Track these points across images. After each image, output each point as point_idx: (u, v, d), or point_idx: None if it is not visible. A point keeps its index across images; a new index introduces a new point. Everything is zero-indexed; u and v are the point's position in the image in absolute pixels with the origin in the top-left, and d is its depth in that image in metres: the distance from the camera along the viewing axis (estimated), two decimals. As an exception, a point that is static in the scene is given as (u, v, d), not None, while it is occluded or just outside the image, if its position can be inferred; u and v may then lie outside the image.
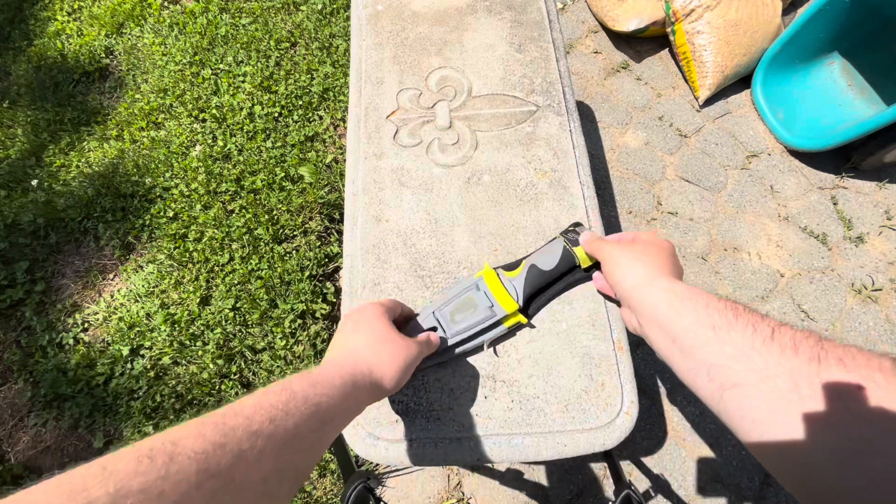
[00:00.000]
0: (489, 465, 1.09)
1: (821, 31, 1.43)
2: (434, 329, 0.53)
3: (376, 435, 0.53)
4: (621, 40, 1.70)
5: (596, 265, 0.56)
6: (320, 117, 1.53)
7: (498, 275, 0.56)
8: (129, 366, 1.18)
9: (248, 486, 0.25)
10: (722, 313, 0.34)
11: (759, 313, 0.33)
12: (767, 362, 0.28)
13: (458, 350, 0.53)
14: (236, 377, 1.16)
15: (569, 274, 0.57)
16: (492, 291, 0.54)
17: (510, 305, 0.53)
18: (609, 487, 1.08)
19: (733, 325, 0.32)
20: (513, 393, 0.54)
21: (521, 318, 0.54)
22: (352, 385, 0.37)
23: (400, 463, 0.52)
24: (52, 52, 1.69)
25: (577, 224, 0.61)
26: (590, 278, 0.57)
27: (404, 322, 0.53)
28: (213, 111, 1.51)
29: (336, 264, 1.33)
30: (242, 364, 1.17)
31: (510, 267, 0.58)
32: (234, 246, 1.30)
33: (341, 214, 1.37)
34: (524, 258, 0.59)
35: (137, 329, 1.21)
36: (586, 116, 1.57)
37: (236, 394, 1.13)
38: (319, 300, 1.24)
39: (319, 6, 1.72)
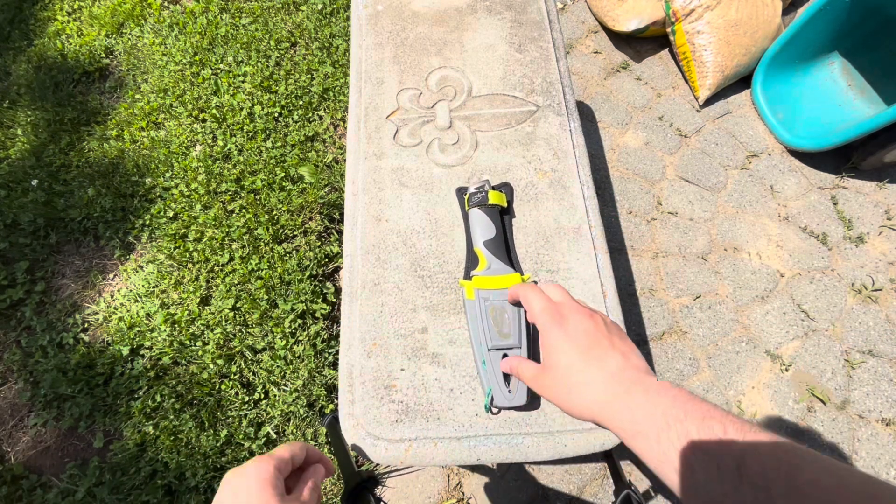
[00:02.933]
0: (489, 465, 1.09)
1: (821, 31, 1.43)
2: (505, 354, 0.52)
3: (376, 435, 0.53)
4: (621, 40, 1.70)
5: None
6: (320, 117, 1.53)
7: (480, 276, 0.57)
8: (129, 366, 1.18)
9: None
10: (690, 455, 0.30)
11: (721, 427, 0.30)
12: None
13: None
14: (236, 377, 1.16)
15: (504, 217, 0.63)
16: (496, 287, 0.55)
17: (515, 278, 0.56)
18: (609, 487, 1.08)
19: (707, 468, 0.29)
20: (513, 393, 0.54)
21: (525, 277, 0.58)
22: None
23: (400, 463, 0.52)
24: (52, 52, 1.69)
25: (479, 185, 0.64)
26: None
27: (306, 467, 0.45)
28: (213, 111, 1.51)
29: (336, 264, 1.33)
30: (242, 364, 1.17)
31: (472, 266, 0.60)
32: (234, 246, 1.30)
33: (341, 214, 1.37)
34: (469, 250, 0.61)
35: (137, 329, 1.21)
36: (586, 116, 1.57)
37: (236, 394, 1.13)
38: (319, 300, 1.24)
39: (319, 6, 1.72)
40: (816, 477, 0.25)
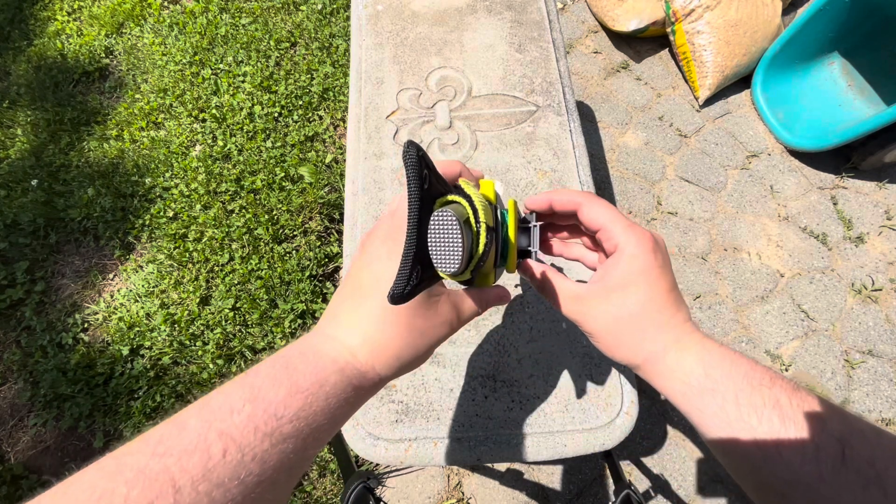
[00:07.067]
0: (489, 465, 1.09)
1: (821, 31, 1.43)
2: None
3: (376, 435, 0.53)
4: (621, 40, 1.70)
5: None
6: (320, 117, 1.53)
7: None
8: (128, 366, 1.18)
9: None
10: (763, 410, 0.26)
11: (815, 401, 0.26)
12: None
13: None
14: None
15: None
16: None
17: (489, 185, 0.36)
18: (609, 487, 1.08)
19: (781, 432, 0.25)
20: (513, 393, 0.54)
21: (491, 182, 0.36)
22: (354, 404, 0.28)
23: (400, 463, 0.52)
24: (52, 52, 1.69)
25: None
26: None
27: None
28: (213, 111, 1.51)
29: (336, 264, 1.33)
30: (242, 364, 1.17)
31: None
32: (234, 246, 1.30)
33: (341, 214, 1.37)
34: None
35: (137, 329, 1.21)
36: (586, 116, 1.57)
37: (236, 394, 1.13)
38: (319, 300, 1.24)
39: (319, 6, 1.72)
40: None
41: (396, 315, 0.29)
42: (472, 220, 0.28)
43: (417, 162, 0.24)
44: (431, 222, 0.25)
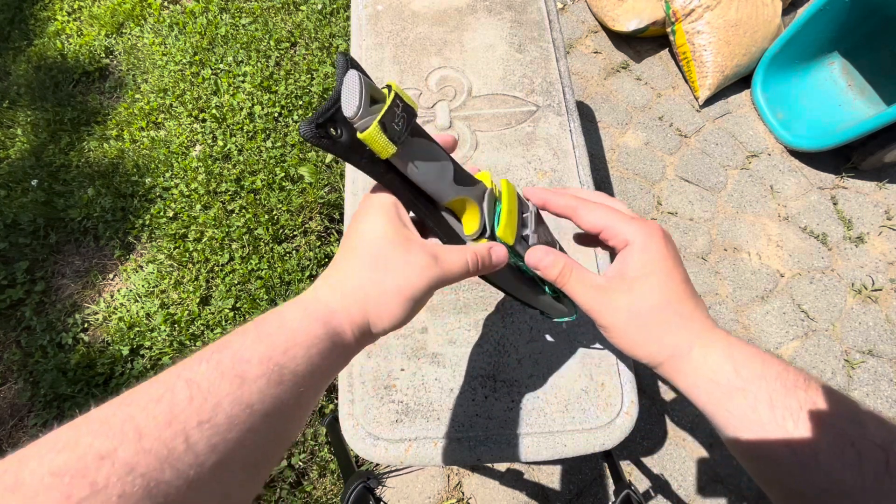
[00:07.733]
0: (489, 465, 1.09)
1: (821, 31, 1.43)
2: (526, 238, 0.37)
3: (376, 435, 0.53)
4: (621, 40, 1.70)
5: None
6: (320, 117, 1.53)
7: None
8: (129, 366, 1.18)
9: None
10: (793, 411, 0.25)
11: (855, 406, 0.25)
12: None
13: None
14: (236, 377, 1.15)
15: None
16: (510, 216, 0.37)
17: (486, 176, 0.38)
18: (609, 487, 1.08)
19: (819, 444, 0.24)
20: (513, 393, 0.54)
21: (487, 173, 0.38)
22: (329, 345, 0.27)
23: (400, 463, 0.52)
24: (52, 52, 1.69)
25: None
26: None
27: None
28: (213, 111, 1.51)
29: (336, 264, 1.33)
30: (242, 364, 1.17)
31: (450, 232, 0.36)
32: (234, 246, 1.30)
33: (341, 214, 1.37)
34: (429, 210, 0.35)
35: (137, 329, 1.21)
36: (586, 116, 1.57)
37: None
38: (319, 300, 1.24)
39: (319, 6, 1.72)
40: None
41: (359, 249, 0.30)
42: (388, 93, 0.28)
43: (348, 59, 0.28)
44: (345, 77, 0.27)
